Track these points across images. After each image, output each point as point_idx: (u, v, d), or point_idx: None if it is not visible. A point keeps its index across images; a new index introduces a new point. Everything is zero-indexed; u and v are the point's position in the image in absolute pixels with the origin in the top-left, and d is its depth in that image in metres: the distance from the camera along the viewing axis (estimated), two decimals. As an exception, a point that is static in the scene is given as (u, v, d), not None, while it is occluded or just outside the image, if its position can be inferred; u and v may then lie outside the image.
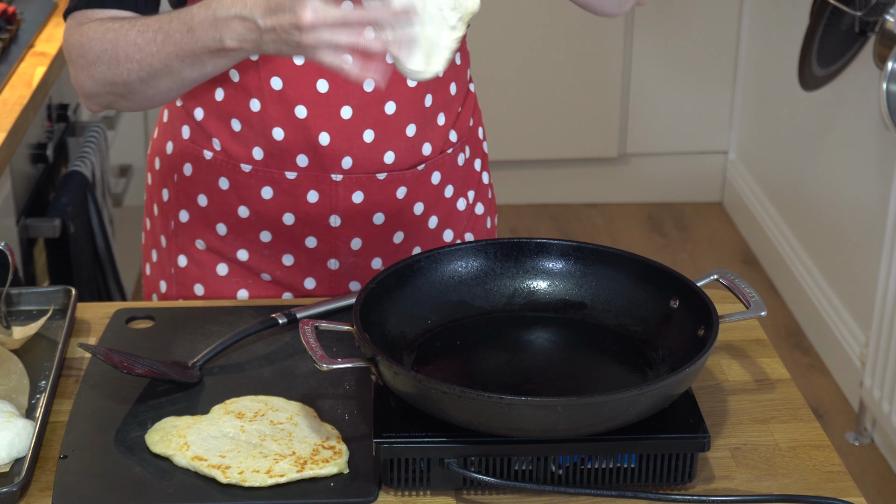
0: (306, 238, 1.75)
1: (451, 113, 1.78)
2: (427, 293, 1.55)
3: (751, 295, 1.53)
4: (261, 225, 1.75)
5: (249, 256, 1.77)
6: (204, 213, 1.77)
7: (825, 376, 3.46)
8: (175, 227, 1.80)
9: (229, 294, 1.79)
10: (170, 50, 1.48)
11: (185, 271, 1.81)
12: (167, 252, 1.82)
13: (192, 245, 1.79)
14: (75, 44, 1.56)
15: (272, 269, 1.77)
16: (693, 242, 4.18)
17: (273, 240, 1.76)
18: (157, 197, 1.83)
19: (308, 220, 1.74)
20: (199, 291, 1.80)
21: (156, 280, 1.86)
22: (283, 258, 1.77)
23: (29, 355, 1.59)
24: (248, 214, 1.74)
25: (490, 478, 1.35)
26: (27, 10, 2.68)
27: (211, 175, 1.74)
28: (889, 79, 2.82)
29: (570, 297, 1.57)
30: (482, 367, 1.51)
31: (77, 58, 1.55)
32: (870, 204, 3.24)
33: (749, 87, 4.18)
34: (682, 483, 1.38)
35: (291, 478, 1.36)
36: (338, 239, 1.75)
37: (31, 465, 1.37)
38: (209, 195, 1.75)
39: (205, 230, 1.78)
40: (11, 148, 2.16)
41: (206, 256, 1.79)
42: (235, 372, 1.55)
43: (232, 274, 1.78)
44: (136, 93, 1.55)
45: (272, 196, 1.73)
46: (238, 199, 1.74)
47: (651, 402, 1.34)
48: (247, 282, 1.78)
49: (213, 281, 1.79)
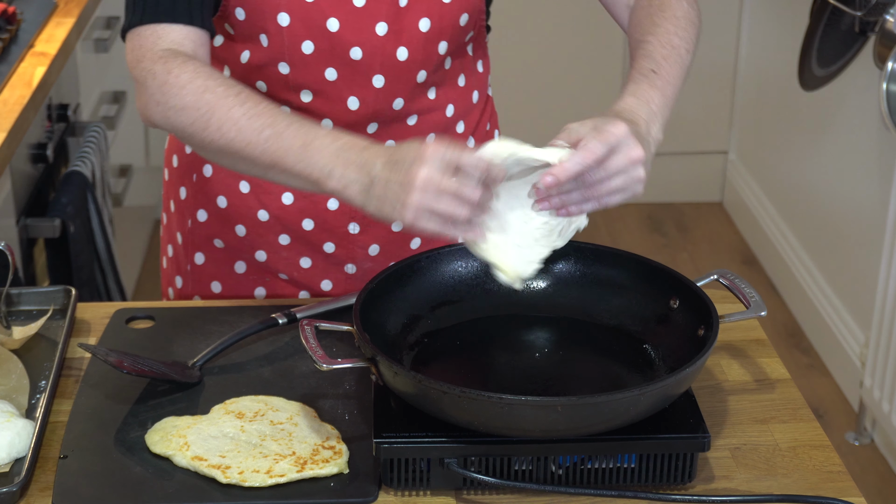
0: (325, 243, 1.76)
1: (471, 121, 1.79)
2: (427, 293, 1.55)
3: (751, 295, 1.53)
4: (280, 228, 1.76)
5: (267, 257, 1.78)
6: (223, 214, 1.77)
7: (825, 376, 3.46)
8: (192, 225, 1.80)
9: (246, 292, 1.80)
10: (271, 150, 1.43)
11: (201, 268, 1.81)
12: (183, 248, 1.83)
13: (210, 243, 1.80)
14: (158, 79, 1.49)
15: (289, 270, 1.78)
16: (693, 242, 4.18)
17: (291, 243, 1.77)
18: (174, 194, 1.84)
19: (327, 227, 1.75)
20: (216, 288, 1.81)
21: (171, 275, 1.87)
22: (301, 261, 1.77)
23: (29, 355, 1.59)
24: (268, 218, 1.75)
25: (490, 478, 1.35)
26: (27, 10, 2.68)
27: (231, 178, 1.75)
28: (889, 79, 2.82)
29: (570, 297, 1.57)
30: (482, 367, 1.51)
31: (155, 92, 1.49)
32: (870, 204, 3.24)
33: (749, 87, 4.18)
34: (682, 483, 1.38)
35: (291, 478, 1.36)
36: (356, 245, 1.76)
37: (31, 465, 1.37)
38: (229, 197, 1.76)
39: (223, 230, 1.78)
40: (11, 148, 2.16)
41: (224, 254, 1.80)
42: (235, 372, 1.55)
43: (249, 272, 1.79)
44: (201, 150, 1.51)
45: (293, 202, 1.74)
46: (258, 202, 1.75)
47: (651, 402, 1.34)
48: (264, 280, 1.79)
49: (231, 278, 1.80)
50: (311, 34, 1.62)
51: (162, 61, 1.50)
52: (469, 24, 1.69)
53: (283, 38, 1.62)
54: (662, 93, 1.51)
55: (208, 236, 1.80)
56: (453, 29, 1.67)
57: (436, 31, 1.66)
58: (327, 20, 1.62)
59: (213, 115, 1.46)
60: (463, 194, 1.35)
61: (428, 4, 1.65)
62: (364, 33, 1.63)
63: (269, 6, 1.61)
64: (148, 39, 1.53)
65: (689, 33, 1.61)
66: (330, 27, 1.62)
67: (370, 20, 1.63)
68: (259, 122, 1.44)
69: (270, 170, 1.45)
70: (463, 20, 1.68)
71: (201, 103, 1.47)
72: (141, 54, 1.52)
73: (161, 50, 1.51)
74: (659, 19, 1.60)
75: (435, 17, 1.65)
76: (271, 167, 1.44)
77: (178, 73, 1.48)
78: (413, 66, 1.66)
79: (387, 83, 1.66)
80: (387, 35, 1.64)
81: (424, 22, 1.65)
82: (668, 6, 1.62)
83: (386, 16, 1.63)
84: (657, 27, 1.59)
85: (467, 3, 1.67)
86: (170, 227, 1.86)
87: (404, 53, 1.65)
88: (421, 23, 1.65)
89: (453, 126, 1.76)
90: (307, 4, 1.61)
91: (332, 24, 1.62)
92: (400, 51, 1.65)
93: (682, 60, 1.58)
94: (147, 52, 1.52)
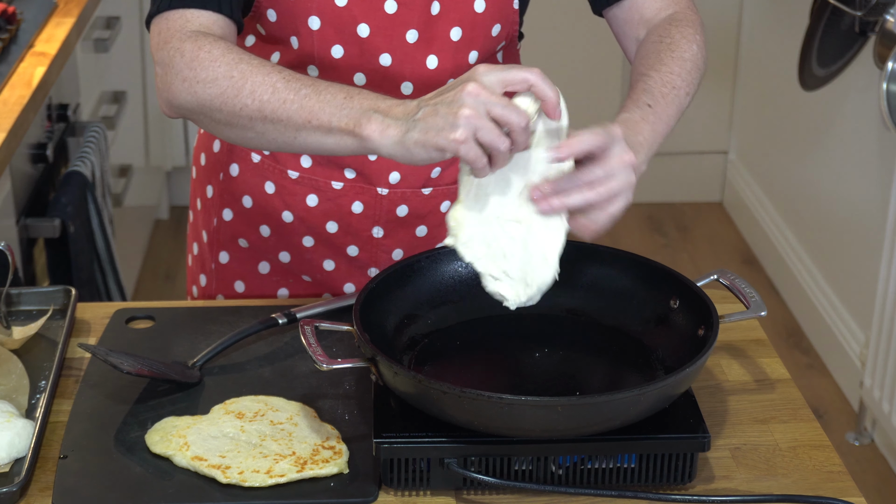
0: (348, 247, 1.76)
1: None
2: (427, 293, 1.55)
3: (751, 295, 1.53)
4: (304, 230, 1.76)
5: (291, 259, 1.78)
6: (248, 214, 1.78)
7: (825, 376, 3.46)
8: (218, 224, 1.81)
9: (270, 292, 1.80)
10: (308, 105, 1.40)
11: (226, 267, 1.82)
12: (208, 247, 1.83)
13: (235, 242, 1.80)
14: (188, 55, 1.47)
15: (313, 272, 1.78)
16: (693, 242, 4.18)
17: (315, 245, 1.77)
18: (201, 192, 1.84)
19: (351, 230, 1.75)
20: (239, 288, 1.82)
21: (196, 273, 1.88)
22: (325, 263, 1.78)
23: (29, 355, 1.59)
24: (292, 220, 1.75)
25: (490, 478, 1.35)
26: (27, 10, 2.68)
27: (257, 178, 1.75)
28: (889, 79, 2.82)
29: (570, 297, 1.57)
30: (482, 367, 1.51)
31: (183, 68, 1.47)
32: (870, 204, 3.24)
33: (749, 87, 4.18)
34: (682, 483, 1.38)
35: (291, 478, 1.36)
36: (379, 249, 1.77)
37: (31, 465, 1.37)
38: (254, 197, 1.76)
39: (248, 230, 1.79)
40: (11, 148, 2.16)
41: (248, 254, 1.80)
42: (235, 372, 1.55)
43: (273, 273, 1.80)
44: (229, 126, 1.47)
45: (317, 204, 1.74)
46: (283, 203, 1.75)
47: (651, 402, 1.34)
48: (287, 281, 1.80)
49: (255, 278, 1.81)
50: (342, 39, 1.62)
51: (192, 39, 1.48)
52: (501, 35, 1.68)
53: (313, 41, 1.62)
54: (653, 128, 1.50)
55: (233, 236, 1.80)
56: (485, 39, 1.66)
57: (467, 41, 1.65)
58: (358, 25, 1.61)
59: (247, 81, 1.43)
60: (511, 114, 1.32)
61: (460, 14, 1.63)
62: (394, 40, 1.62)
63: (300, 9, 1.60)
64: (176, 22, 1.51)
65: (692, 76, 1.59)
66: (360, 33, 1.61)
67: (401, 27, 1.62)
68: (297, 83, 1.42)
69: (303, 129, 1.41)
70: (495, 30, 1.67)
71: (235, 72, 1.44)
72: (168, 35, 1.50)
73: (190, 31, 1.50)
74: (666, 58, 1.59)
75: (467, 26, 1.64)
76: (305, 125, 1.40)
77: (209, 48, 1.46)
78: (442, 74, 1.65)
79: (415, 91, 1.65)
80: (417, 43, 1.63)
81: (456, 31, 1.64)
82: (678, 46, 1.60)
83: (417, 23, 1.62)
84: (662, 65, 1.58)
85: (501, 13, 1.66)
86: (196, 225, 1.87)
87: (434, 62, 1.65)
88: (452, 32, 1.64)
89: None
90: (338, 9, 1.60)
91: (363, 30, 1.61)
92: (430, 59, 1.64)
93: (680, 102, 1.57)
94: (175, 33, 1.50)
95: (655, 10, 1.67)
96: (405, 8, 1.61)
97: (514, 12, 1.68)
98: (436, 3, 1.62)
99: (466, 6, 1.63)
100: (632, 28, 1.68)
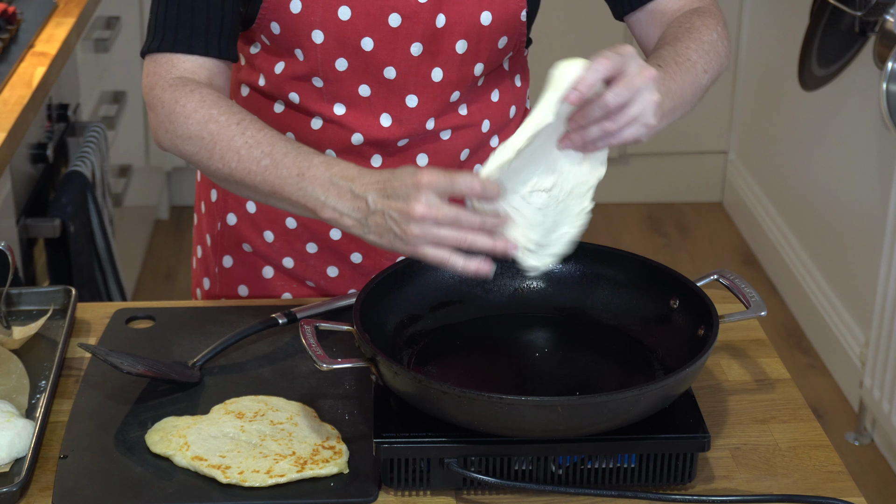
0: (352, 253, 1.76)
1: (507, 135, 1.77)
2: (427, 293, 1.55)
3: (751, 295, 1.53)
4: (308, 237, 1.76)
5: (295, 264, 1.78)
6: (252, 219, 1.77)
7: (825, 376, 3.46)
8: (222, 228, 1.81)
9: (273, 297, 1.80)
10: (269, 179, 1.44)
11: (230, 271, 1.82)
12: (212, 250, 1.83)
13: (239, 247, 1.80)
14: (167, 108, 1.51)
15: (316, 278, 1.78)
16: (693, 242, 4.18)
17: (319, 251, 1.77)
18: (206, 195, 1.84)
19: (354, 237, 1.74)
20: (243, 292, 1.81)
21: (200, 276, 1.88)
22: (328, 269, 1.77)
23: (29, 355, 1.59)
24: (296, 226, 1.75)
25: (490, 478, 1.35)
26: (27, 10, 2.68)
27: None
28: (889, 79, 2.82)
29: (570, 297, 1.57)
30: (482, 367, 1.51)
31: (164, 120, 1.52)
32: (870, 204, 3.24)
33: (749, 87, 4.18)
34: (682, 483, 1.38)
35: (291, 478, 1.36)
36: (383, 256, 1.76)
37: (31, 465, 1.37)
38: (258, 203, 1.76)
39: (252, 235, 1.78)
40: (11, 148, 2.16)
41: (252, 259, 1.80)
42: (235, 372, 1.55)
43: (277, 278, 1.80)
44: (210, 175, 1.53)
45: None
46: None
47: (651, 402, 1.34)
48: (291, 286, 1.79)
49: (258, 282, 1.80)
50: (345, 52, 1.61)
51: (171, 89, 1.52)
52: (508, 46, 1.68)
53: (317, 54, 1.62)
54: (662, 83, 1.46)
55: (237, 240, 1.80)
56: (491, 51, 1.66)
57: (472, 53, 1.65)
58: (361, 39, 1.61)
59: (216, 145, 1.48)
60: (461, 221, 1.35)
61: (466, 26, 1.62)
62: (398, 53, 1.62)
63: (304, 23, 1.60)
64: (163, 67, 1.55)
65: (710, 57, 1.57)
66: (364, 46, 1.61)
67: (405, 40, 1.61)
68: (258, 152, 1.45)
69: (271, 198, 1.47)
70: (501, 42, 1.66)
71: (205, 133, 1.49)
72: (154, 81, 1.55)
73: (172, 78, 1.54)
74: (683, 37, 1.58)
75: (473, 39, 1.63)
76: (271, 195, 1.46)
77: (184, 102, 1.51)
78: (448, 86, 1.65)
79: (420, 103, 1.65)
80: (422, 55, 1.63)
81: (462, 44, 1.63)
82: (696, 30, 1.59)
83: (422, 36, 1.62)
84: (678, 42, 1.57)
85: (508, 25, 1.65)
86: (200, 228, 1.87)
87: (439, 74, 1.64)
88: (458, 45, 1.63)
89: (487, 141, 1.75)
90: (342, 23, 1.60)
91: (367, 44, 1.61)
92: (435, 72, 1.64)
93: (696, 75, 1.54)
94: (160, 80, 1.54)
95: (677, 10, 1.66)
96: (409, 21, 1.61)
97: (522, 24, 1.67)
98: (441, 15, 1.61)
99: (473, 19, 1.62)
100: (655, 31, 1.67)
